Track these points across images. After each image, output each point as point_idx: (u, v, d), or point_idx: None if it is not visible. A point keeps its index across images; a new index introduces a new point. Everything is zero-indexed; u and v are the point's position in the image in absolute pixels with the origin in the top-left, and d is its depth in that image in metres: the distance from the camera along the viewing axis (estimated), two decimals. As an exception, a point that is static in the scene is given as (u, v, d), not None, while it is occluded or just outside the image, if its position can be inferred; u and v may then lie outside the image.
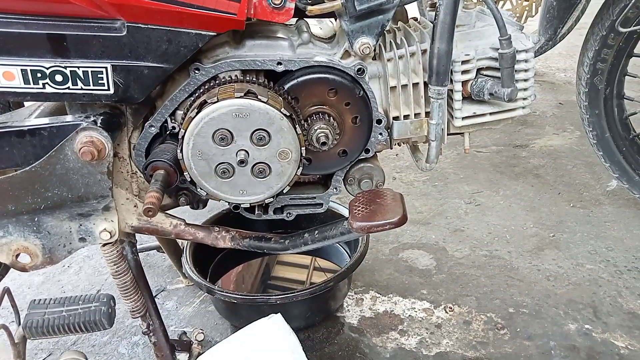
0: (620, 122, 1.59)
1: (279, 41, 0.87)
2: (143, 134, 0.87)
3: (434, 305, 1.35)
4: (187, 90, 0.84)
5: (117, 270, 0.93)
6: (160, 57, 0.77)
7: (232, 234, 0.99)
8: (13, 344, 0.95)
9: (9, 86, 0.76)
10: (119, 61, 0.77)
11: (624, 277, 1.40)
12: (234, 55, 0.85)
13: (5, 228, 0.85)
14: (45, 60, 0.75)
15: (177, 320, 1.37)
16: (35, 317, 0.90)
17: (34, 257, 0.87)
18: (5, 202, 0.82)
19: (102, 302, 0.92)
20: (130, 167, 0.92)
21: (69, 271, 1.60)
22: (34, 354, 1.29)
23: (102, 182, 0.83)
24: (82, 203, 0.85)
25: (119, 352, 1.28)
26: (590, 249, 1.51)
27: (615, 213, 1.68)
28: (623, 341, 1.20)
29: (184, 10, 0.74)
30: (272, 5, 0.79)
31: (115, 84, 0.78)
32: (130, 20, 0.75)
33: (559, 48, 2.15)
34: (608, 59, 1.51)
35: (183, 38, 0.77)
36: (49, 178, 0.81)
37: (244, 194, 0.86)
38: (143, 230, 0.95)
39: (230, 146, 0.81)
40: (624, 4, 1.41)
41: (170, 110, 0.85)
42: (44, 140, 0.80)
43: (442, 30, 0.81)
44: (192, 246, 1.33)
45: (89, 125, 0.79)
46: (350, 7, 0.81)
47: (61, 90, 0.77)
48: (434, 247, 1.58)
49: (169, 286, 1.50)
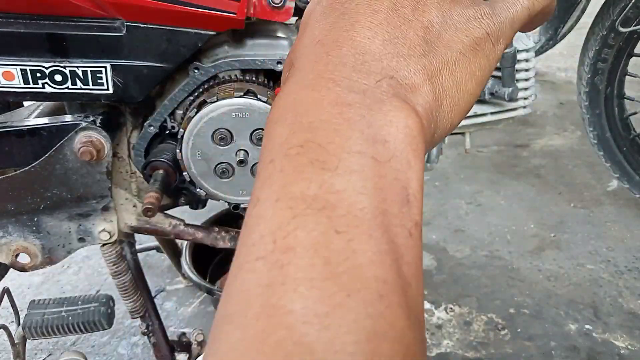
0: (621, 121, 1.59)
1: (279, 40, 0.87)
2: (142, 133, 0.86)
3: (434, 305, 1.35)
4: (186, 89, 0.83)
5: (117, 271, 0.93)
6: (159, 57, 0.77)
7: (232, 234, 0.99)
8: (13, 344, 0.95)
9: (8, 86, 0.76)
10: (119, 61, 0.77)
11: (624, 277, 1.40)
12: (233, 55, 0.84)
13: (4, 228, 0.84)
14: (44, 60, 0.75)
15: (176, 320, 1.37)
16: (35, 317, 0.90)
17: (33, 257, 0.87)
18: (5, 202, 0.82)
19: (101, 302, 0.92)
20: (129, 167, 0.92)
21: (69, 271, 1.60)
22: (33, 354, 1.29)
23: (101, 182, 0.83)
24: (82, 203, 0.85)
25: (118, 353, 1.28)
26: (591, 249, 1.51)
27: (616, 213, 1.67)
28: (623, 341, 1.20)
29: (184, 9, 0.74)
30: (271, 5, 0.79)
31: (115, 84, 0.78)
32: (129, 20, 0.75)
33: (559, 47, 2.15)
34: (608, 59, 1.51)
35: (182, 37, 0.77)
36: (48, 178, 0.81)
37: (243, 193, 0.86)
38: (142, 231, 0.95)
39: (229, 146, 0.81)
40: (624, 4, 1.41)
41: (169, 110, 0.85)
42: (43, 140, 0.80)
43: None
44: (192, 246, 1.33)
45: (88, 125, 0.79)
46: (350, 6, 0.81)
47: (60, 90, 0.77)
48: (434, 247, 1.58)
49: (168, 286, 1.50)
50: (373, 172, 0.23)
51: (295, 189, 0.22)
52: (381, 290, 0.20)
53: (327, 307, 0.19)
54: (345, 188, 0.22)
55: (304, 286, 0.20)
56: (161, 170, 0.83)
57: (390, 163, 0.24)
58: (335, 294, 0.20)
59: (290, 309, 0.19)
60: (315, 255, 0.20)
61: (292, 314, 0.19)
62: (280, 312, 0.19)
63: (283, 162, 0.24)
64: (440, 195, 1.83)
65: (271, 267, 0.21)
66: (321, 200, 0.22)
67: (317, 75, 0.26)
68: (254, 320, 0.20)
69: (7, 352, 1.03)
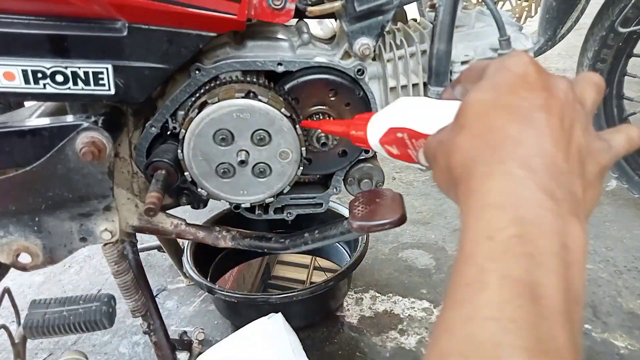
0: (620, 122, 1.60)
1: (280, 42, 0.87)
2: (144, 134, 0.87)
3: (433, 304, 1.35)
4: (187, 90, 0.84)
5: (118, 270, 0.93)
6: (161, 58, 0.78)
7: (233, 233, 0.99)
8: (13, 343, 0.95)
9: (9, 86, 0.76)
10: (120, 62, 0.77)
11: (623, 277, 1.40)
12: (234, 56, 0.85)
13: (6, 228, 0.85)
14: (46, 61, 0.75)
15: (177, 319, 1.37)
16: (36, 317, 0.91)
17: (34, 257, 0.87)
18: (6, 202, 0.82)
19: (102, 301, 0.92)
20: (131, 167, 0.92)
21: (70, 271, 1.60)
22: (34, 353, 1.29)
23: (103, 182, 0.83)
24: (83, 203, 0.85)
25: (119, 352, 1.28)
26: (590, 249, 1.52)
27: (615, 213, 1.68)
28: (623, 341, 1.20)
29: (185, 11, 0.74)
30: (272, 6, 0.79)
31: (116, 85, 0.78)
32: (131, 21, 0.75)
33: (558, 48, 2.15)
34: (607, 59, 1.51)
35: (184, 39, 0.77)
36: (49, 178, 0.81)
37: (244, 194, 0.87)
38: (144, 230, 0.95)
39: (230, 146, 0.81)
40: (623, 4, 1.41)
41: (171, 111, 0.85)
42: (45, 141, 0.80)
43: (441, 31, 0.81)
44: (193, 246, 1.33)
45: (90, 125, 0.79)
46: (350, 8, 0.81)
47: (62, 90, 0.77)
48: (433, 246, 1.58)
49: (169, 286, 1.51)
50: (564, 274, 0.29)
51: (516, 273, 0.28)
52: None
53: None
54: (547, 283, 0.28)
55: (525, 353, 0.26)
56: (163, 170, 0.83)
57: (572, 269, 0.30)
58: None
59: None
60: (531, 333, 0.27)
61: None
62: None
63: (504, 245, 0.30)
64: (439, 195, 1.84)
65: (500, 331, 0.27)
66: (532, 288, 0.28)
67: (525, 175, 0.32)
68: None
69: (8, 352, 1.03)
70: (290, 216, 0.98)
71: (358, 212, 0.84)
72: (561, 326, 0.28)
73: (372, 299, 1.39)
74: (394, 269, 1.50)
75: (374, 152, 0.94)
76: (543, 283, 0.28)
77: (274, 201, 0.94)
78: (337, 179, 0.96)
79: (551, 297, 0.28)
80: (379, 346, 1.24)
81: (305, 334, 1.28)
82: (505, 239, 0.30)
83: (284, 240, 0.97)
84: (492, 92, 0.36)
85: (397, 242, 1.61)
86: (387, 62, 0.89)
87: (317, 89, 0.86)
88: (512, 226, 0.30)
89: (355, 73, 0.86)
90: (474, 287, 0.29)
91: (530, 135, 0.33)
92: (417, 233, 1.64)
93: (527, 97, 0.35)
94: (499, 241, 0.30)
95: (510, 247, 0.29)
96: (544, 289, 0.28)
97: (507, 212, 0.31)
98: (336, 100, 0.87)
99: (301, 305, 1.26)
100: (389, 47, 0.90)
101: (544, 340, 0.27)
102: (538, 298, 0.28)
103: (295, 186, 0.91)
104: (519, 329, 0.27)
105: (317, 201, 0.98)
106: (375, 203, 0.85)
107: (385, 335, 1.26)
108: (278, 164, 0.84)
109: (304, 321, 1.29)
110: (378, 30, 0.84)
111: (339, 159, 0.93)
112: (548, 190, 0.31)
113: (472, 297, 0.29)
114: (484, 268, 0.29)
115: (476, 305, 0.28)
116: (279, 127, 0.80)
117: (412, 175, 1.99)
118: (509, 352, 0.26)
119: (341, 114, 0.89)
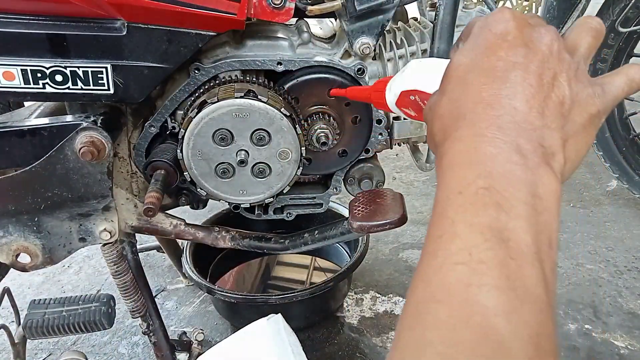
0: (620, 122, 1.59)
1: (279, 41, 0.87)
2: (143, 134, 0.87)
3: (434, 305, 1.35)
4: (187, 90, 0.84)
5: (117, 270, 0.93)
6: (160, 57, 0.77)
7: (232, 233, 0.99)
8: (13, 343, 0.95)
9: (9, 86, 0.76)
10: (119, 61, 0.77)
11: (623, 277, 1.40)
12: (234, 55, 0.84)
13: (5, 228, 0.85)
14: (45, 60, 0.75)
15: (177, 320, 1.37)
16: (35, 317, 0.90)
17: (34, 257, 0.87)
18: (6, 202, 0.82)
19: (102, 302, 0.92)
20: (130, 167, 0.92)
21: (69, 271, 1.60)
22: (34, 354, 1.29)
23: (102, 182, 0.83)
24: (82, 203, 0.85)
25: (118, 352, 1.28)
26: (590, 249, 1.51)
27: (615, 213, 1.68)
28: (623, 341, 1.20)
29: (184, 10, 0.74)
30: (272, 5, 0.79)
31: (116, 84, 0.78)
32: (130, 20, 0.75)
33: (559, 48, 2.14)
34: (608, 59, 1.51)
35: (183, 38, 0.77)
36: (49, 178, 0.81)
37: (244, 194, 0.86)
38: (143, 230, 0.95)
39: (230, 146, 0.81)
40: (624, 4, 1.41)
41: (170, 110, 0.85)
42: (44, 140, 0.80)
43: (442, 30, 0.81)
44: (192, 246, 1.33)
45: (89, 125, 0.79)
46: (350, 7, 0.81)
47: (61, 90, 0.77)
48: (434, 247, 1.58)
49: (169, 286, 1.50)
50: (533, 219, 0.31)
51: (484, 220, 0.30)
52: (541, 305, 0.29)
53: (509, 308, 0.28)
54: (515, 227, 0.30)
55: (495, 291, 0.28)
56: (162, 170, 0.83)
57: (543, 215, 0.31)
58: (514, 300, 0.28)
59: (484, 304, 0.28)
60: (501, 272, 0.29)
61: (486, 308, 0.28)
62: (478, 304, 0.28)
63: (472, 198, 0.31)
64: (440, 195, 1.84)
65: (470, 272, 0.29)
66: (501, 232, 0.30)
67: (493, 135, 0.33)
68: (457, 305, 0.28)
69: (7, 352, 1.03)
70: (290, 216, 0.98)
71: (358, 212, 0.84)
72: (530, 265, 0.29)
73: (373, 300, 1.38)
74: (394, 270, 1.49)
75: (374, 152, 0.94)
76: (510, 227, 0.30)
77: (273, 201, 0.94)
78: (337, 179, 0.96)
79: (520, 239, 0.30)
80: (379, 347, 1.24)
81: (305, 334, 1.27)
82: (473, 192, 0.31)
83: (284, 241, 0.97)
84: (471, 54, 0.37)
85: (397, 242, 1.61)
86: (387, 62, 0.88)
87: (317, 89, 0.86)
88: (480, 179, 0.32)
89: (356, 72, 0.86)
90: (445, 238, 0.31)
91: (502, 96, 0.34)
92: (418, 233, 1.64)
93: (503, 57, 0.36)
94: (468, 194, 0.32)
95: (479, 198, 0.31)
96: (511, 233, 0.30)
97: (476, 169, 0.32)
98: (336, 99, 0.87)
99: (301, 305, 1.26)
100: (389, 46, 0.90)
101: (512, 278, 0.28)
102: (506, 241, 0.29)
103: (295, 186, 0.91)
104: (487, 269, 0.29)
105: (317, 201, 0.98)
106: (375, 203, 0.85)
107: (386, 336, 1.26)
108: (278, 164, 0.84)
109: (303, 322, 1.29)
110: (378, 29, 0.84)
111: (339, 159, 0.93)
112: (516, 146, 0.33)
113: (444, 246, 0.31)
114: (454, 219, 0.31)
115: (447, 254, 0.30)
116: (278, 127, 0.80)
117: (413, 175, 1.99)
118: (478, 291, 0.28)
119: (341, 113, 0.88)
